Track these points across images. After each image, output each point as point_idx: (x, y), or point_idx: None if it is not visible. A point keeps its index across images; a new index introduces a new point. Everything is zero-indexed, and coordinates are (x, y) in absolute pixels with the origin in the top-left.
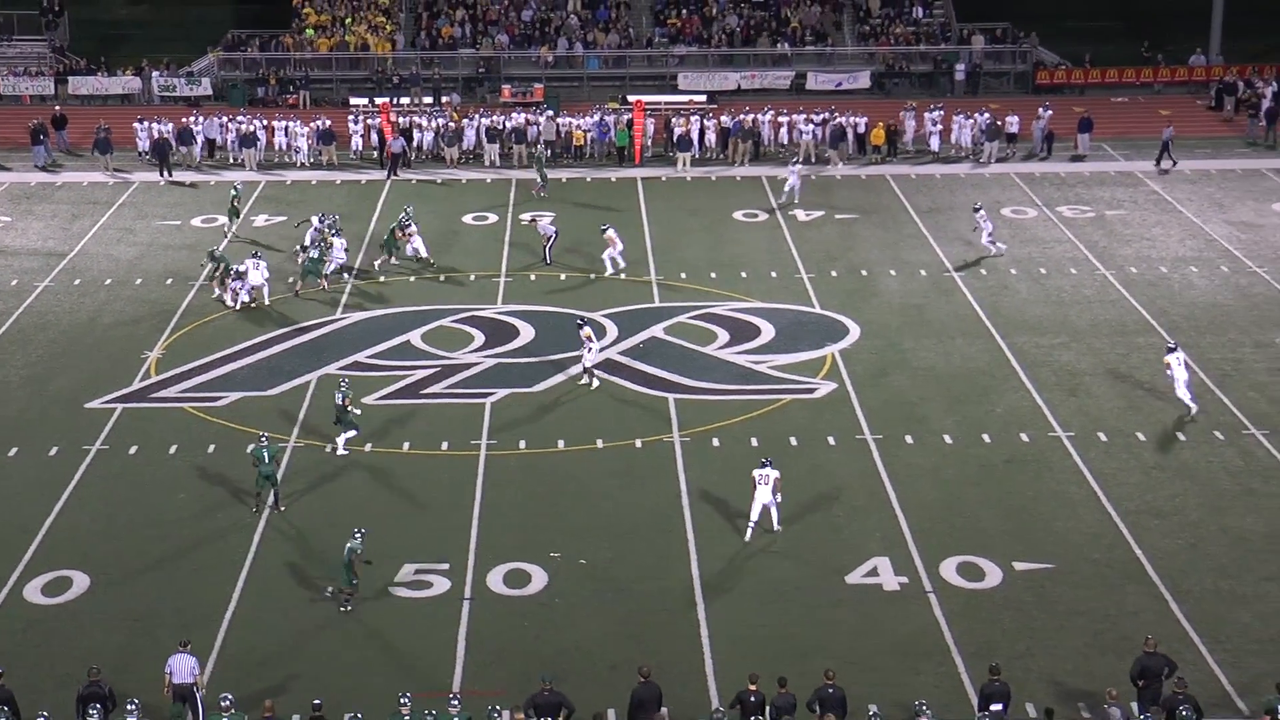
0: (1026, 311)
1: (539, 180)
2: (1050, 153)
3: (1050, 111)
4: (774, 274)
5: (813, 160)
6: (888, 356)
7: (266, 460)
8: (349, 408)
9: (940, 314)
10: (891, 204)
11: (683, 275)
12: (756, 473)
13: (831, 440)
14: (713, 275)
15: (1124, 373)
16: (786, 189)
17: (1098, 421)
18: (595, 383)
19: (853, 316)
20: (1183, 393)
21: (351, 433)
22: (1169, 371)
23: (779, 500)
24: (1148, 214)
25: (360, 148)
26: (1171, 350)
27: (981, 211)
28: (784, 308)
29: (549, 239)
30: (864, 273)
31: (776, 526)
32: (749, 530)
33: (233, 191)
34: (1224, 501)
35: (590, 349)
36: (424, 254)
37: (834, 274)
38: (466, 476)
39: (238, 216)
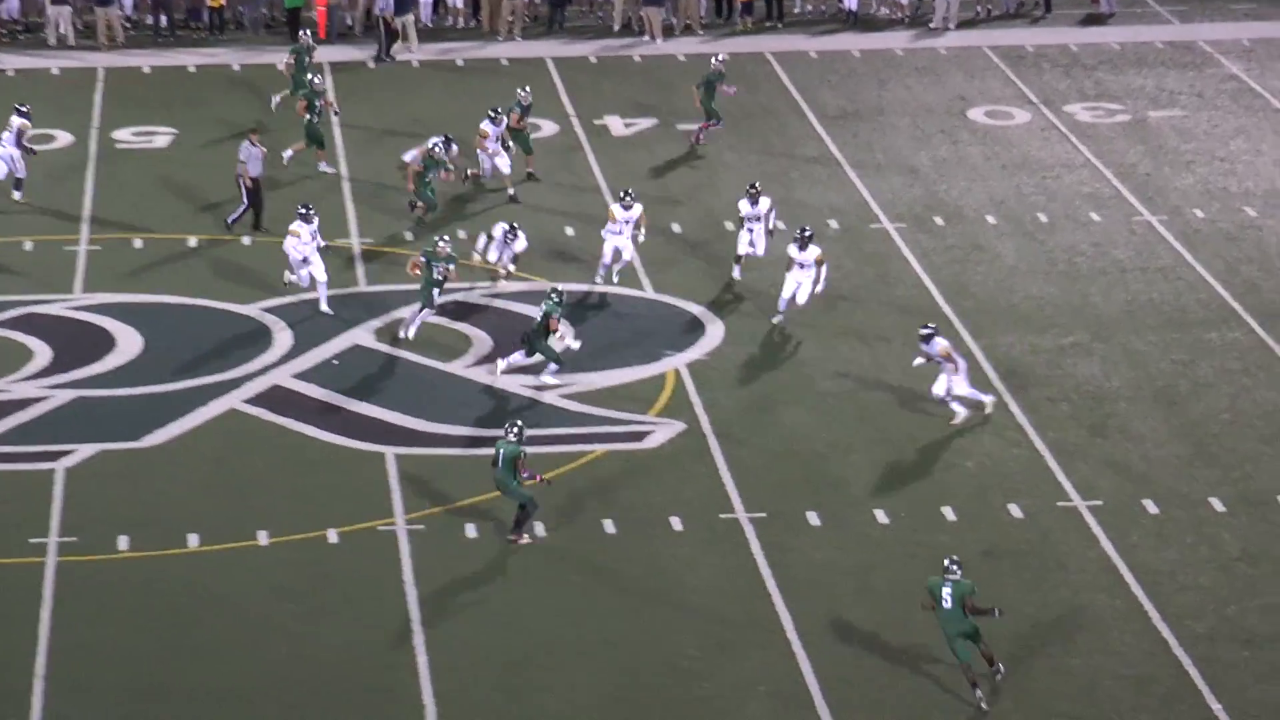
0: (1015, 290)
1: None
2: (1051, 7)
3: None
4: (570, 230)
5: (618, 27)
6: (773, 375)
7: None
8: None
9: (866, 297)
10: (776, 104)
11: (408, 236)
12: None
13: (677, 524)
14: (461, 234)
15: (1185, 394)
16: None
17: (1143, 482)
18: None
19: (712, 306)
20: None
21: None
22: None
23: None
24: (1224, 117)
25: None
26: None
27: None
28: (589, 290)
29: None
30: (728, 225)
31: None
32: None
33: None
34: None
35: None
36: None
37: (676, 228)
38: (23, 600)
39: None
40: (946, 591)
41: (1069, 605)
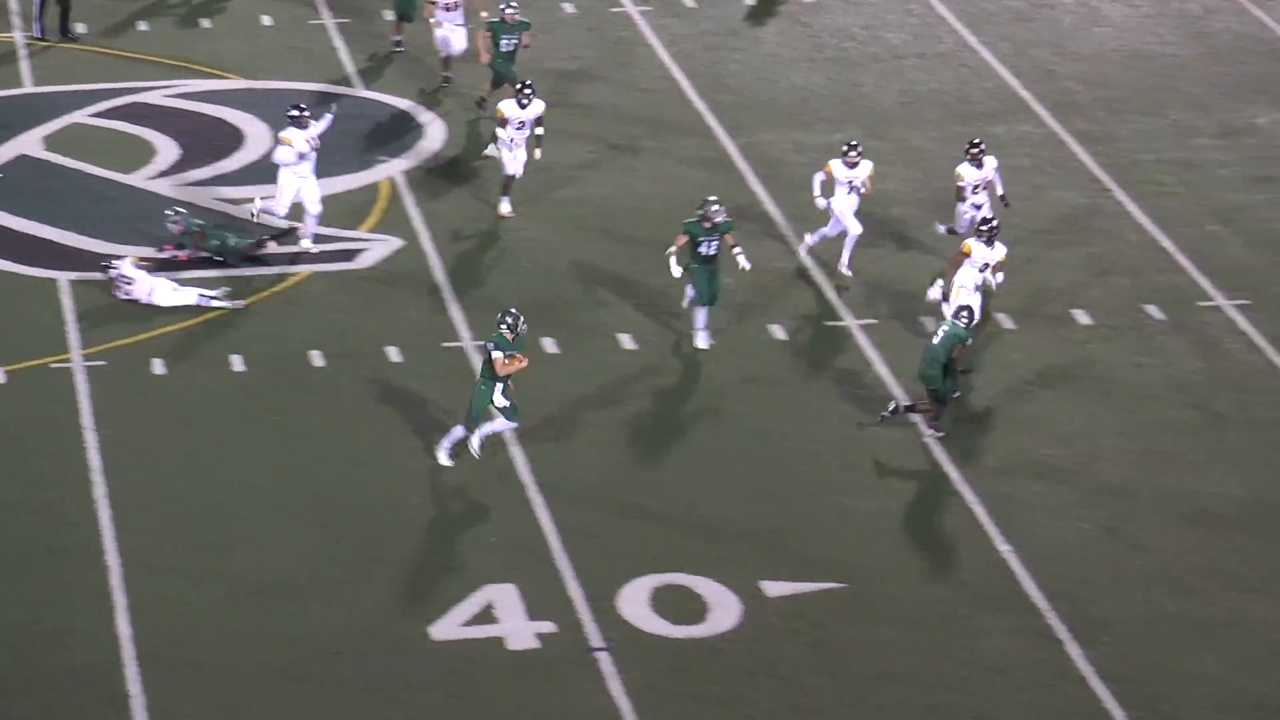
0: (777, 81)
1: None
2: None
3: None
4: (268, 20)
5: None
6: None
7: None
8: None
9: (604, 95)
10: None
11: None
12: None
13: (394, 355)
14: (144, 26)
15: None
16: None
17: (923, 297)
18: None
19: (427, 103)
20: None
21: None
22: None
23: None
24: None
25: None
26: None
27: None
28: (292, 89)
29: None
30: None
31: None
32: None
33: None
34: None
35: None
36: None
37: (388, 14)
38: None
39: None
40: (943, 329)
41: (842, 438)
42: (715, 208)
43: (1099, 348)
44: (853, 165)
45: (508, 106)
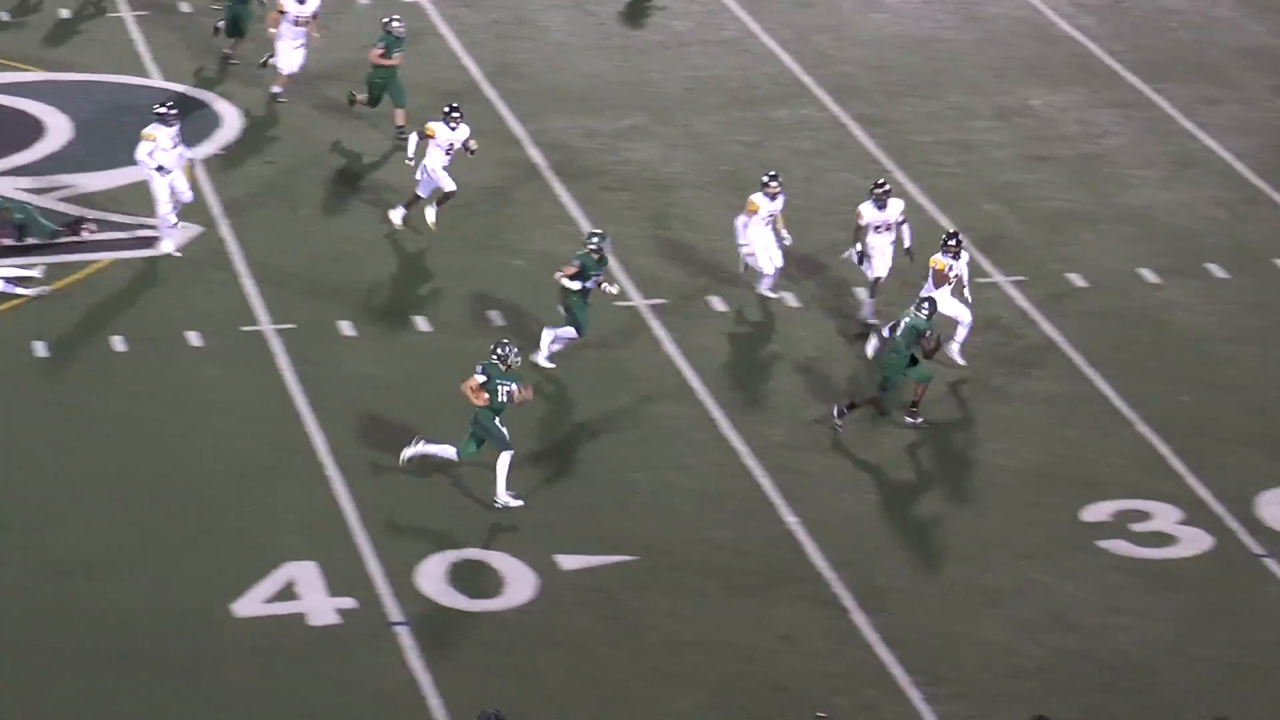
0: (565, 68)
1: None
2: None
3: None
4: (65, 12)
5: None
6: (301, 170)
7: None
8: None
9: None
10: None
11: None
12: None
13: (194, 339)
14: None
15: (754, 179)
16: None
17: (709, 274)
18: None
19: (224, 92)
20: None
21: None
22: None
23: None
24: None
25: None
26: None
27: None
28: (94, 81)
29: None
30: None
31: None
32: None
33: None
34: None
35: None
36: None
37: (185, 7)
38: None
39: None
40: (903, 321)
41: (633, 414)
42: (608, 241)
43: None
44: (773, 196)
45: (440, 129)
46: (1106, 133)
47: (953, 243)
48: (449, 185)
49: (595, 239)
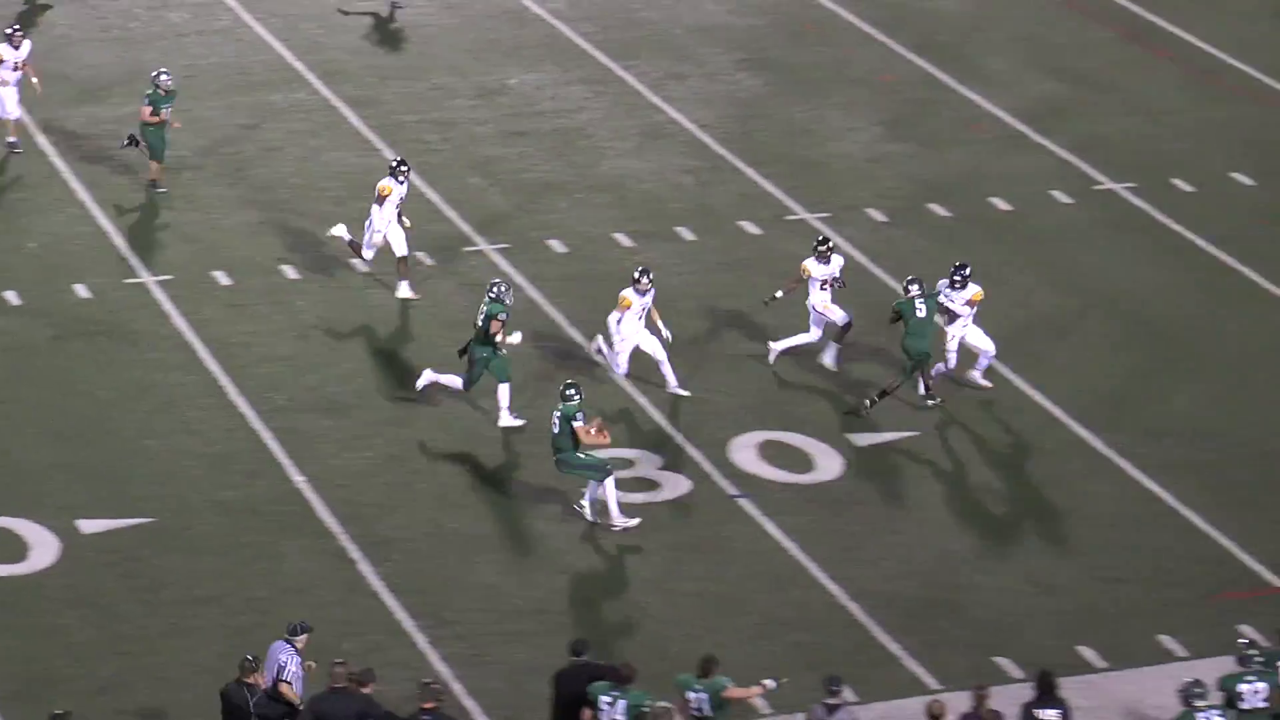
0: (69, 60)
1: None
2: None
3: None
4: None
5: None
6: None
7: None
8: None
9: None
10: None
11: None
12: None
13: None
14: None
15: (255, 160)
16: None
17: (214, 252)
18: None
19: None
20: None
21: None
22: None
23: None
24: None
25: None
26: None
27: None
28: None
29: None
30: None
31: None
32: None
33: None
34: None
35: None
36: None
37: None
38: None
39: None
40: (921, 303)
41: (143, 384)
42: (506, 287)
43: (380, 294)
44: (643, 293)
45: (391, 185)
46: (580, 108)
47: (824, 247)
48: (400, 249)
49: (506, 292)
